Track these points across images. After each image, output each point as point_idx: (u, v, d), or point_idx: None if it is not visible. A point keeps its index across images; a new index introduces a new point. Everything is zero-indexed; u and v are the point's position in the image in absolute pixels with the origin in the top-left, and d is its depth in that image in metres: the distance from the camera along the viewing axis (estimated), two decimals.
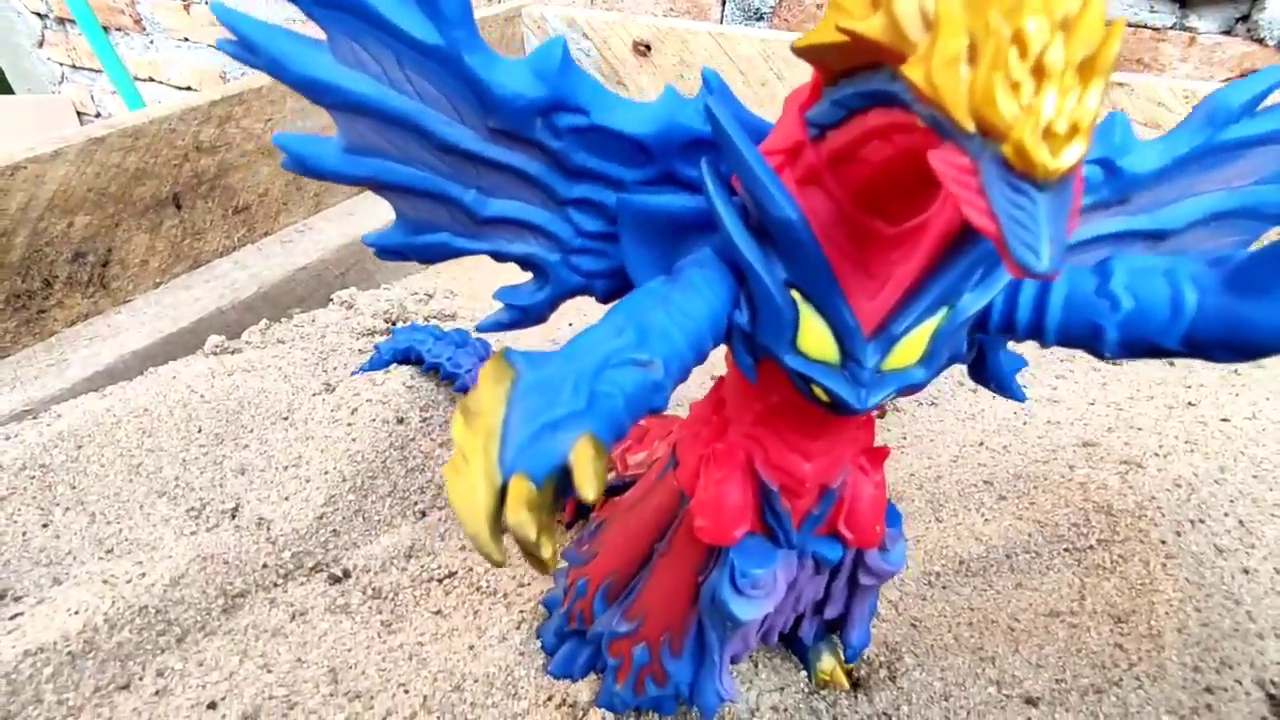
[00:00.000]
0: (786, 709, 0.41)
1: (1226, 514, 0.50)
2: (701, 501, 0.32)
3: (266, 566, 0.47)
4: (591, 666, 0.41)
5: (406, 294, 0.78)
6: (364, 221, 0.85)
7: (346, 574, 0.48)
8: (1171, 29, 0.90)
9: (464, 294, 0.81)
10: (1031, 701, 0.41)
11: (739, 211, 0.24)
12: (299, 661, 0.42)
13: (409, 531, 0.51)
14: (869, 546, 0.35)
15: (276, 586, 0.47)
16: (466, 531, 0.17)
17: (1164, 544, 0.48)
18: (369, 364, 0.62)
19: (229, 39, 0.24)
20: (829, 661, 0.42)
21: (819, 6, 1.05)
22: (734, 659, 0.38)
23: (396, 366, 0.61)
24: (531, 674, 0.41)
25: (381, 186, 0.28)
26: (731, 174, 0.24)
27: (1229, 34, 0.88)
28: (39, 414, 0.55)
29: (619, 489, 0.45)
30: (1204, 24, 0.88)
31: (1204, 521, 0.49)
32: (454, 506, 0.17)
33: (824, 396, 0.26)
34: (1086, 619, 0.45)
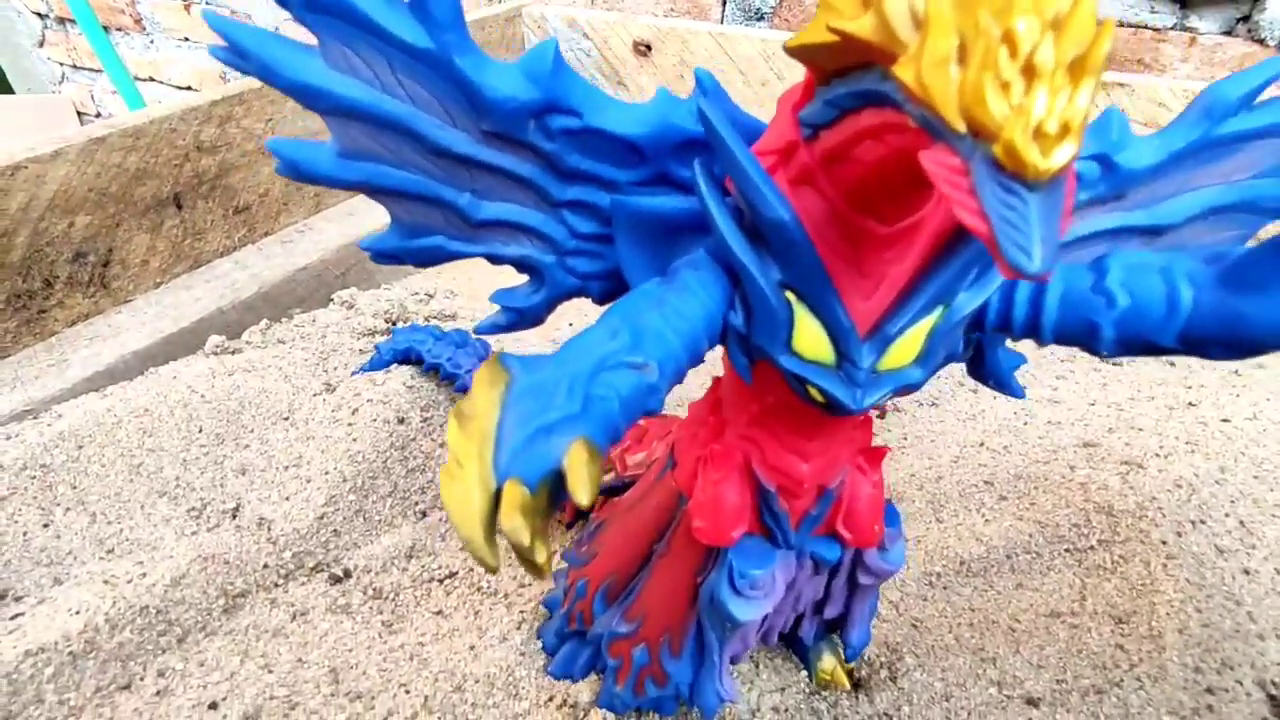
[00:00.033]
0: (788, 709, 0.41)
1: (1227, 515, 0.50)
2: (699, 502, 0.32)
3: (267, 566, 0.47)
4: (592, 667, 0.41)
5: (407, 294, 0.78)
6: (364, 222, 0.85)
7: (347, 574, 0.48)
8: (1172, 29, 0.90)
9: (464, 294, 0.81)
10: (1032, 702, 0.41)
11: (732, 212, 0.24)
12: (300, 662, 0.42)
13: (410, 532, 0.51)
14: (868, 546, 0.35)
15: (277, 586, 0.47)
16: (461, 537, 0.17)
17: (1165, 545, 0.48)
18: (369, 364, 0.62)
19: (220, 45, 0.24)
20: (829, 661, 0.41)
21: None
22: (734, 659, 0.38)
23: (397, 367, 0.61)
24: (532, 674, 0.41)
25: (375, 191, 0.28)
26: (725, 175, 0.24)
27: (1230, 34, 0.87)
28: (40, 414, 0.55)
29: (618, 489, 0.45)
30: (1205, 24, 0.88)
31: (1205, 522, 0.49)
32: (448, 511, 0.17)
33: (819, 397, 0.25)
34: (1087, 620, 0.45)
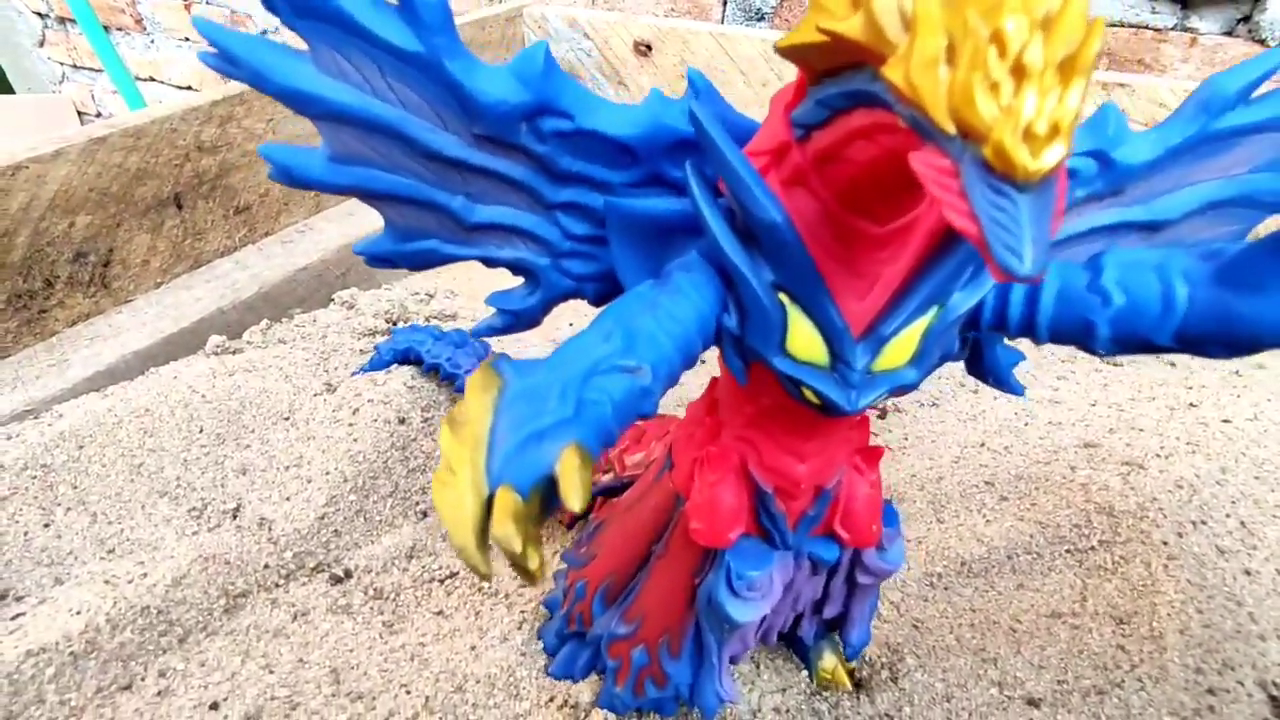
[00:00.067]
0: (788, 710, 0.41)
1: (1228, 515, 0.50)
2: (696, 504, 0.32)
3: (268, 567, 0.47)
4: (592, 668, 0.41)
5: (407, 294, 0.78)
6: (364, 222, 0.85)
7: (348, 574, 0.48)
8: (1173, 30, 0.89)
9: (464, 294, 0.81)
10: (1033, 703, 0.41)
11: (725, 214, 0.24)
12: (301, 662, 0.42)
13: (410, 532, 0.51)
14: (866, 546, 0.35)
15: (278, 587, 0.47)
16: (453, 544, 0.17)
17: (1166, 545, 0.47)
18: (370, 364, 0.62)
19: (210, 51, 0.24)
20: (830, 660, 0.41)
21: None
22: (733, 660, 0.38)
23: (398, 367, 0.61)
24: (533, 675, 0.41)
25: (368, 195, 0.28)
26: (717, 176, 0.24)
27: (1230, 35, 0.87)
28: (40, 414, 0.55)
29: (617, 490, 0.45)
30: (1205, 25, 0.87)
31: (1206, 523, 0.49)
32: (441, 518, 0.17)
33: (814, 398, 0.25)
34: (1088, 620, 0.45)
